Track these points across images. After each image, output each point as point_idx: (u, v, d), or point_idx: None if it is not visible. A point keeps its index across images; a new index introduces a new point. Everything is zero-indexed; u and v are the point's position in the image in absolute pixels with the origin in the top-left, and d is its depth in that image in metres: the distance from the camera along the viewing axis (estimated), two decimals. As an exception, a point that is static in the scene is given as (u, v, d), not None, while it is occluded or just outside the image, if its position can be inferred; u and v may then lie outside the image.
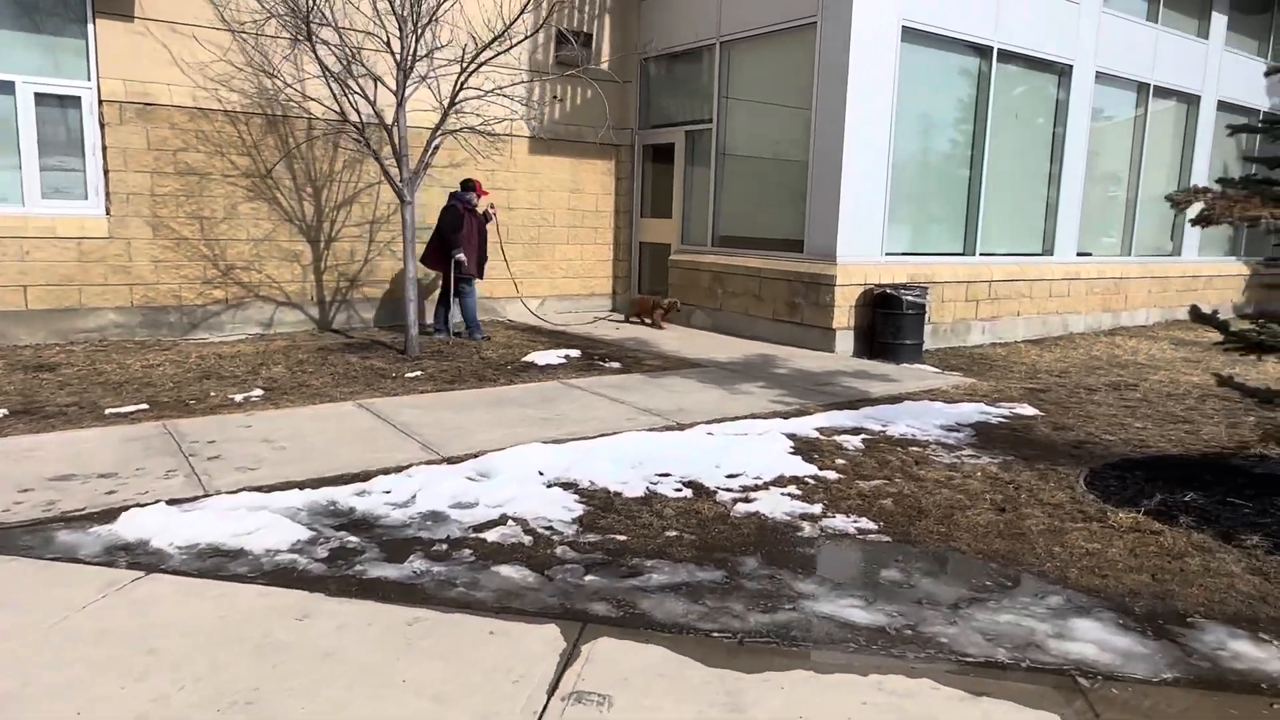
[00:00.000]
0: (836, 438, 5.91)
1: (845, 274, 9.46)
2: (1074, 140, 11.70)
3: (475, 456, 5.16)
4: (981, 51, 10.48)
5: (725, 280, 10.86)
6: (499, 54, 8.13)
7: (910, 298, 9.20)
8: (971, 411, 6.75)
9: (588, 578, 3.65)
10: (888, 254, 9.99)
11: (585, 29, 12.04)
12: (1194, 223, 4.53)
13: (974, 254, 10.92)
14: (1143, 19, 12.57)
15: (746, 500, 4.64)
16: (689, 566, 3.79)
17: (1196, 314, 5.04)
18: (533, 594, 3.49)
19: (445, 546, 3.93)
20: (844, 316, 9.51)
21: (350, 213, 10.49)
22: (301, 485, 4.63)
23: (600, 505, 4.51)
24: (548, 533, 4.12)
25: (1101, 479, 5.16)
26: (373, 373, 7.67)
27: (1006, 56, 10.72)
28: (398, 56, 8.18)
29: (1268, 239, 14.61)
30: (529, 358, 8.57)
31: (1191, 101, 13.62)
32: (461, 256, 9.55)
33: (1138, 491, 4.88)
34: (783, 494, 4.75)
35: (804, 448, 5.62)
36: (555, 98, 9.71)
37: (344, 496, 4.47)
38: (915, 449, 5.70)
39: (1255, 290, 15.46)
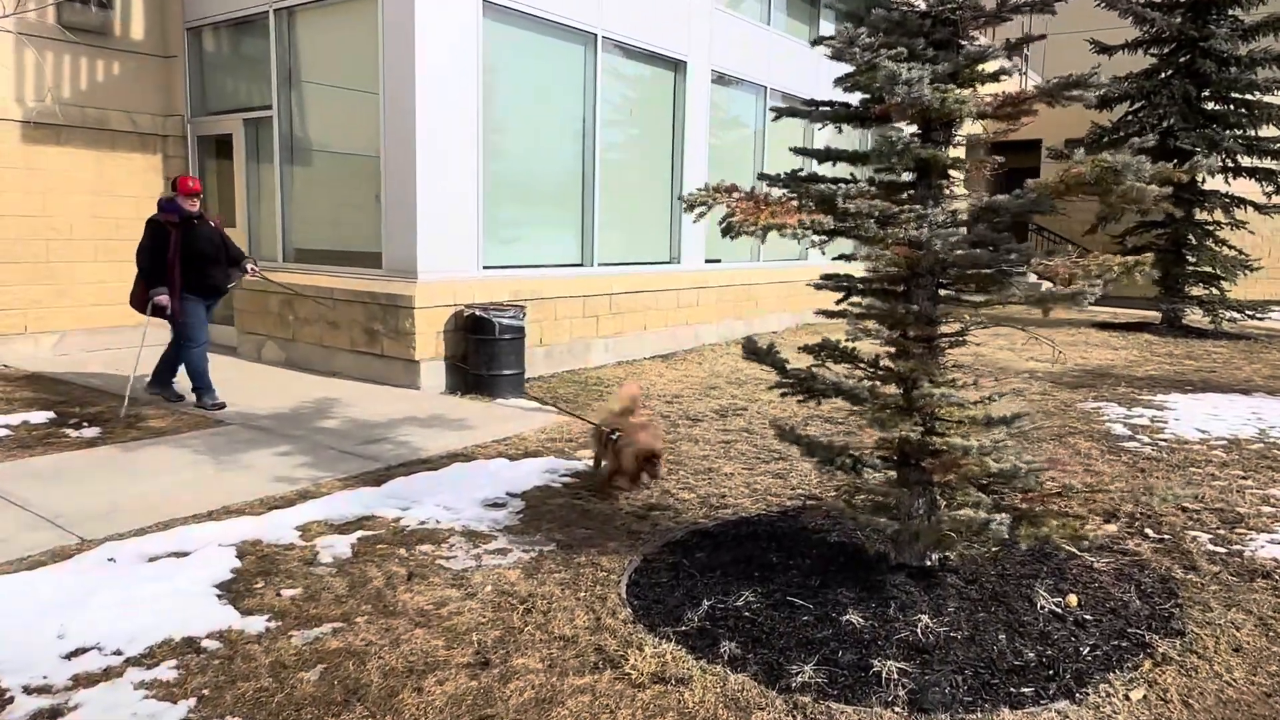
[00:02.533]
0: (320, 540, 4.16)
1: (428, 294, 7.80)
2: (694, 141, 11.04)
3: None
4: (584, 39, 9.35)
5: (297, 304, 8.76)
6: None
7: (504, 320, 7.75)
8: (534, 471, 5.33)
9: None
10: (486, 268, 8.51)
11: (103, -15, 9.32)
12: (724, 234, 3.34)
13: (592, 264, 9.80)
14: (757, 20, 12.30)
15: (54, 715, 2.74)
16: None
17: (750, 349, 3.93)
18: None
19: None
20: (430, 345, 7.86)
21: None
22: None
23: None
24: None
25: (652, 572, 3.89)
26: None
27: (613, 46, 9.70)
28: None
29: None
30: (-51, 432, 5.95)
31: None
32: (163, 299, 6.56)
33: (688, 592, 3.65)
34: (137, 685, 2.90)
35: (250, 571, 3.81)
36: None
37: None
38: (425, 548, 4.12)
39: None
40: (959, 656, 3.13)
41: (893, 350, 3.62)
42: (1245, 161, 13.75)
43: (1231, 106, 13.65)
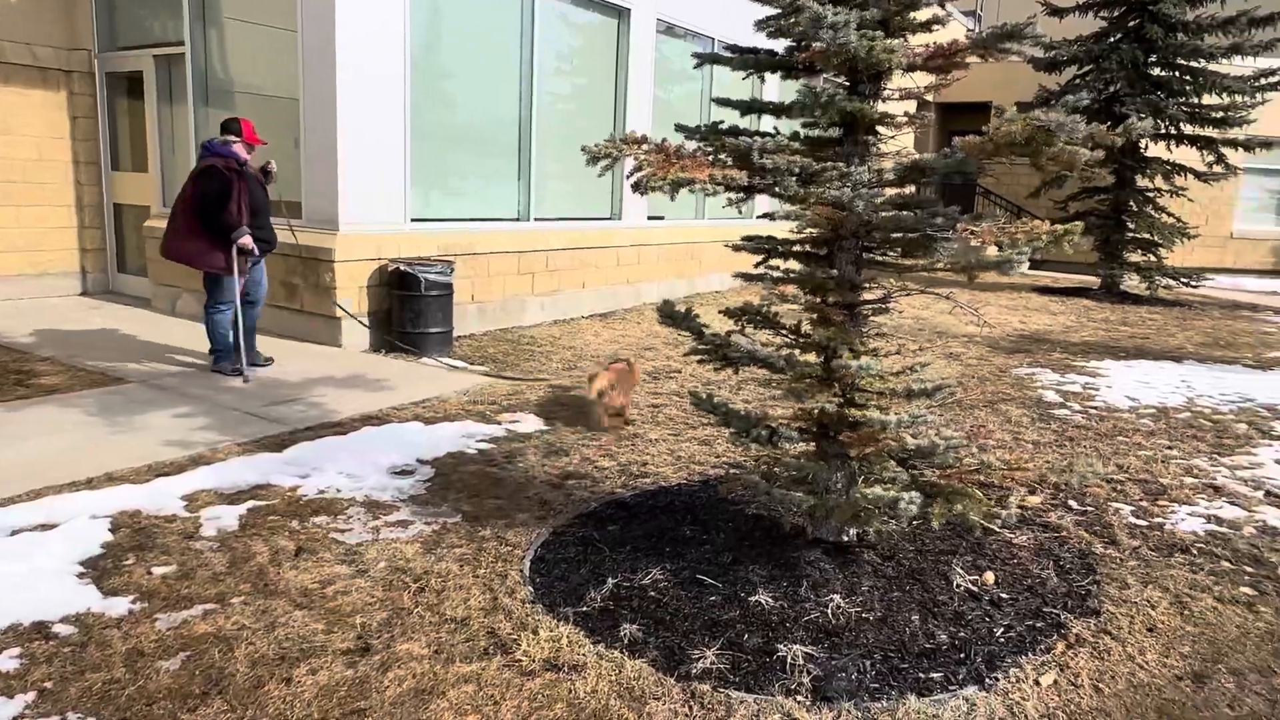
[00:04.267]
0: (206, 511, 3.89)
1: (349, 246, 7.42)
2: (638, 93, 10.68)
3: None
4: (521, -20, 8.90)
5: (212, 255, 8.28)
6: None
7: (430, 275, 7.42)
8: (450, 436, 5.09)
9: None
10: (414, 220, 8.12)
11: (-5, -98, 8.59)
12: (634, 189, 3.10)
13: (529, 219, 9.45)
14: (706, -33, 11.88)
15: None
16: None
17: (666, 313, 3.71)
18: None
19: None
20: (352, 301, 7.50)
21: None
22: None
23: None
24: None
25: (560, 547, 3.70)
26: None
27: (551, -10, 9.26)
28: None
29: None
30: None
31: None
32: (248, 240, 6.13)
33: (594, 569, 3.47)
34: (-27, 677, 2.63)
35: (122, 545, 3.53)
36: None
37: None
38: (320, 520, 3.87)
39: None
40: (869, 639, 3.00)
41: (814, 317, 3.43)
42: (1187, 129, 13.81)
43: (1177, 73, 13.65)
